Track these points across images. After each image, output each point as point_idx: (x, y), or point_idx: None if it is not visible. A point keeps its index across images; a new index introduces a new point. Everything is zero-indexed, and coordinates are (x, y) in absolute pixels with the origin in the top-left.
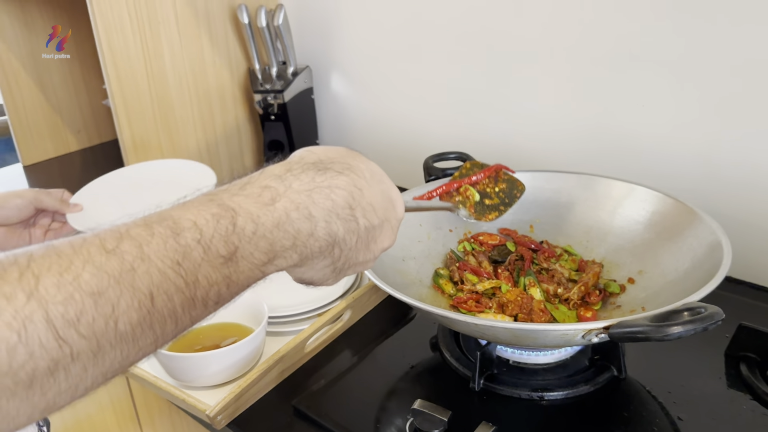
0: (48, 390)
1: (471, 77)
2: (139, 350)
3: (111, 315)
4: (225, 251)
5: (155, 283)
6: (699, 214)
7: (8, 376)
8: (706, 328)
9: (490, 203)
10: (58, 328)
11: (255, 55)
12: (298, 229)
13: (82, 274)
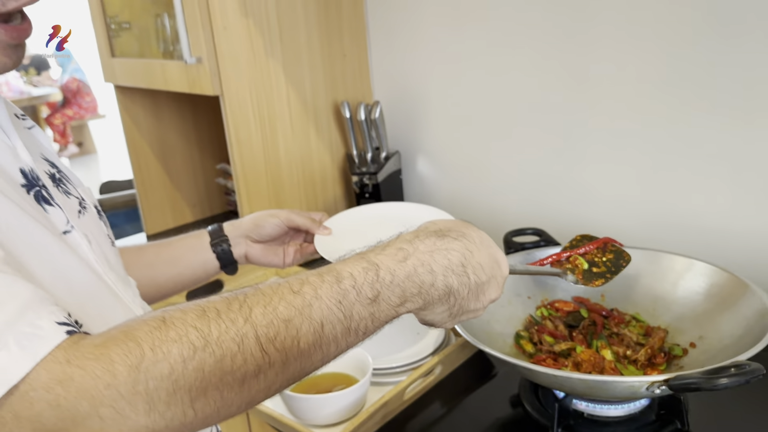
0: (252, 387)
1: (547, 160)
2: (312, 365)
3: (296, 336)
4: (371, 294)
5: (324, 316)
6: (751, 286)
7: (230, 374)
8: (748, 381)
9: (598, 271)
10: (263, 343)
11: (353, 142)
12: (422, 280)
13: (278, 307)
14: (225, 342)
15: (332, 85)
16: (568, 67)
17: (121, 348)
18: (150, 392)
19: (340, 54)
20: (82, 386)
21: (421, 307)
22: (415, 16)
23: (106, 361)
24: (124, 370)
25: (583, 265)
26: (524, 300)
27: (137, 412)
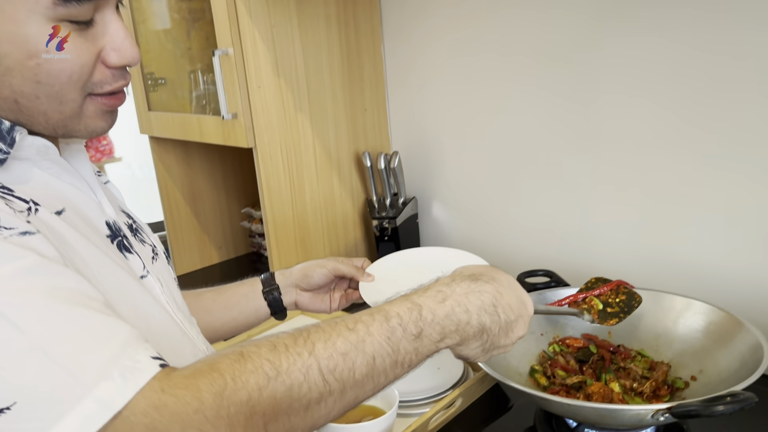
0: (315, 413)
1: (556, 206)
2: (364, 394)
3: (352, 368)
4: (415, 331)
5: (376, 350)
6: (745, 324)
7: (297, 401)
8: (742, 407)
9: (612, 311)
10: (324, 374)
11: (373, 189)
12: (459, 319)
13: (337, 342)
14: (293, 372)
15: (354, 136)
16: (574, 121)
17: (206, 378)
18: (231, 416)
19: (361, 108)
20: (174, 411)
21: (458, 343)
22: (430, 74)
23: (194, 390)
24: (209, 397)
25: (598, 306)
26: (537, 337)
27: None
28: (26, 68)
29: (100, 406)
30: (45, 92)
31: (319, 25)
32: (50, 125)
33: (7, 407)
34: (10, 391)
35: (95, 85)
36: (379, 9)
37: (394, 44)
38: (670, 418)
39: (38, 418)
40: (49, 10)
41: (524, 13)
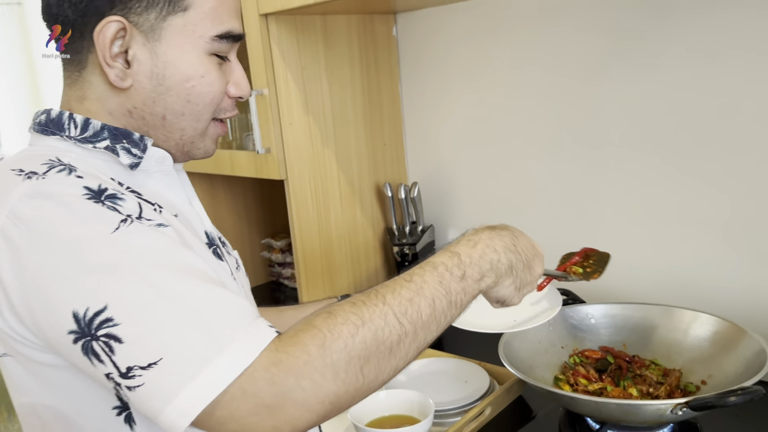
0: (396, 355)
1: (568, 231)
2: (431, 334)
3: (418, 311)
4: (459, 273)
5: (433, 293)
6: (748, 332)
7: (382, 344)
8: (752, 398)
9: (590, 270)
10: (398, 317)
11: (393, 217)
12: (491, 258)
13: (401, 291)
14: (375, 319)
15: (374, 168)
16: (581, 152)
17: (308, 334)
18: (334, 363)
19: (381, 143)
20: (288, 366)
21: (494, 282)
22: (444, 110)
23: (301, 345)
24: (314, 350)
25: (579, 270)
26: (558, 350)
27: (327, 380)
28: (182, 89)
29: (231, 363)
30: (190, 110)
31: (343, 66)
32: (183, 141)
33: (155, 362)
34: (158, 349)
35: (220, 111)
36: (396, 51)
37: (411, 83)
38: (689, 412)
39: (180, 372)
40: (207, 44)
41: (533, 54)
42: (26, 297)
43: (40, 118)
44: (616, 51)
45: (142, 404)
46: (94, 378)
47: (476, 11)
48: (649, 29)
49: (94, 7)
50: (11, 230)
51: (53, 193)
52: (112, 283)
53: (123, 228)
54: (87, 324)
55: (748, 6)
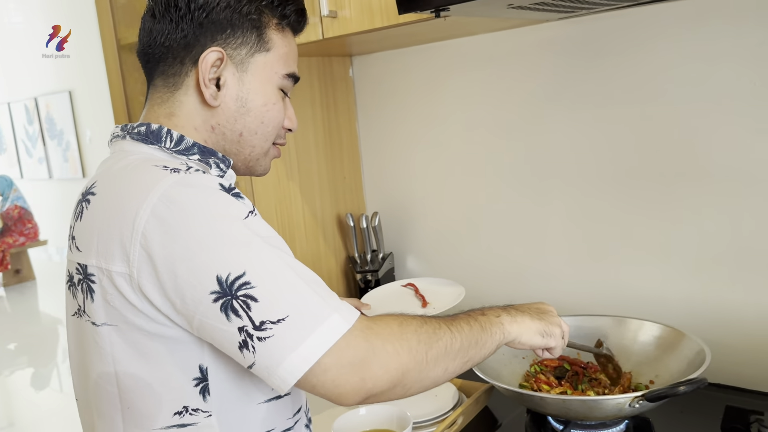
0: (448, 355)
1: (519, 253)
2: (471, 348)
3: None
4: (480, 311)
5: (467, 320)
6: (687, 335)
7: (440, 341)
8: (699, 386)
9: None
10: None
11: (355, 246)
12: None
13: (444, 317)
14: (431, 323)
15: (336, 200)
16: (530, 181)
17: (389, 317)
18: (408, 340)
19: (341, 176)
20: (377, 332)
21: (510, 323)
22: (399, 145)
23: (386, 322)
24: (395, 327)
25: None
26: (520, 360)
27: (404, 351)
28: (259, 112)
29: (339, 322)
30: (262, 130)
31: (305, 106)
32: (251, 156)
33: (283, 318)
34: (286, 309)
35: (278, 137)
36: (353, 92)
37: (367, 120)
38: (645, 404)
39: (303, 327)
40: (280, 79)
41: (483, 94)
42: (172, 264)
43: (139, 129)
44: (558, 91)
45: (268, 353)
46: (221, 334)
47: (427, 54)
48: (586, 72)
49: (198, 40)
50: (163, 210)
51: (197, 184)
52: (248, 254)
53: (251, 217)
54: (228, 286)
55: (672, 50)
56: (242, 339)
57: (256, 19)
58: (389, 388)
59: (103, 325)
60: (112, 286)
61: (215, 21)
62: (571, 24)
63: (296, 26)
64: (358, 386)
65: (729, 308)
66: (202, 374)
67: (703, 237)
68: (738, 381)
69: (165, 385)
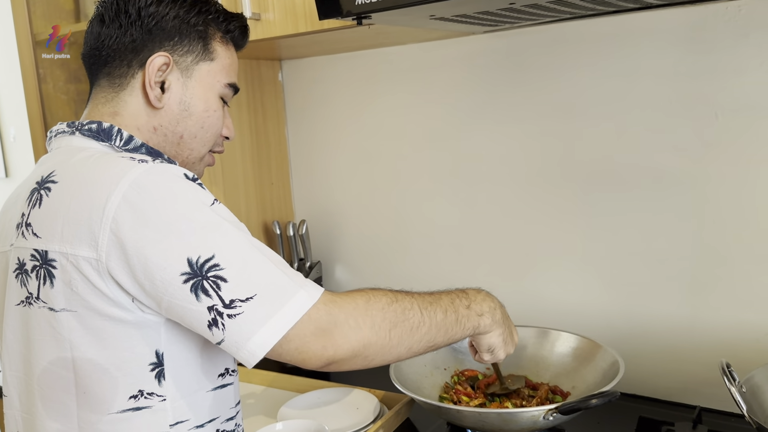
0: (414, 335)
1: (446, 263)
2: (439, 336)
3: (434, 312)
4: (466, 303)
5: (446, 306)
6: (603, 346)
7: (407, 321)
8: (610, 400)
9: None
10: (421, 310)
11: (282, 254)
12: (489, 305)
13: (424, 296)
14: (405, 302)
15: (262, 207)
16: (457, 190)
17: (356, 293)
18: (372, 316)
19: (268, 182)
20: (341, 305)
21: (490, 325)
22: (329, 152)
23: (351, 297)
24: (361, 302)
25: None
26: (441, 371)
27: (366, 326)
28: (200, 117)
29: (305, 298)
30: (201, 135)
31: (231, 109)
32: (188, 160)
33: (251, 296)
34: (254, 288)
35: (215, 144)
36: (283, 97)
37: (297, 125)
38: (559, 417)
39: (271, 303)
40: (222, 88)
41: (411, 102)
42: (143, 248)
43: (90, 126)
44: (484, 102)
45: (238, 329)
46: (190, 314)
47: (357, 61)
48: (511, 85)
49: (146, 45)
50: (134, 196)
51: (165, 172)
52: (216, 237)
53: (216, 204)
54: (199, 268)
55: (593, 66)
56: (212, 317)
57: (202, 30)
58: (350, 357)
59: (62, 310)
60: (77, 271)
61: (164, 29)
62: (496, 37)
63: (238, 41)
64: (320, 353)
65: (643, 320)
66: (158, 359)
67: (618, 250)
68: (652, 392)
69: (121, 369)
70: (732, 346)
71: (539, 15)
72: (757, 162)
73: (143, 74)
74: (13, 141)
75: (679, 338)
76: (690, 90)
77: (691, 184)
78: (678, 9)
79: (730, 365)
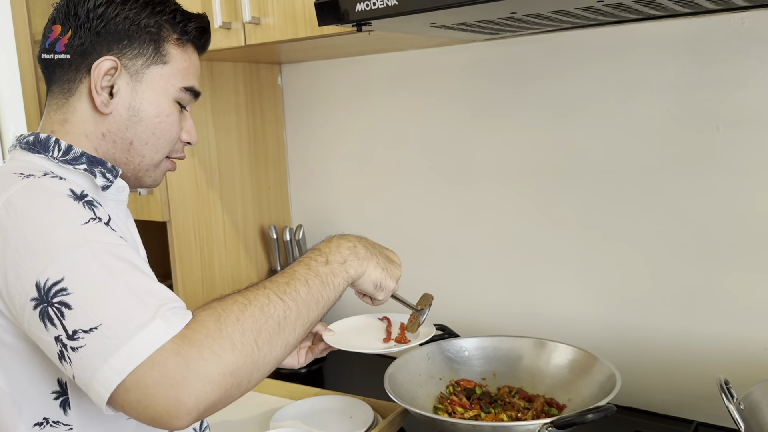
0: (284, 329)
1: (443, 270)
2: (312, 311)
3: (295, 290)
4: (323, 260)
5: (305, 276)
6: (600, 359)
7: (271, 318)
8: (606, 415)
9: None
10: (279, 296)
11: (278, 259)
12: (347, 246)
13: (278, 279)
14: (259, 298)
15: (259, 211)
16: (454, 197)
17: (204, 313)
18: (229, 335)
19: (266, 186)
20: (191, 339)
21: (359, 266)
22: (327, 156)
23: (201, 322)
24: (212, 324)
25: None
26: (437, 381)
27: (225, 351)
28: (151, 122)
29: (166, 327)
30: (153, 141)
31: (229, 112)
32: (140, 167)
33: (95, 327)
34: (99, 317)
35: (173, 150)
36: (281, 99)
37: (295, 130)
38: (554, 431)
39: (117, 336)
40: (176, 92)
41: (410, 109)
42: (5, 270)
43: (28, 139)
44: (483, 110)
45: (82, 365)
46: (45, 345)
47: (357, 67)
48: (510, 93)
49: (95, 48)
50: (3, 215)
51: (43, 189)
52: (71, 260)
53: (92, 223)
54: (46, 292)
55: (593, 75)
56: (59, 349)
57: (154, 32)
58: (220, 397)
59: None
60: None
61: (112, 31)
62: (496, 45)
63: (198, 43)
64: (174, 407)
65: (640, 332)
66: (61, 388)
67: (615, 261)
68: (648, 405)
69: (24, 395)
70: (730, 361)
71: (540, 24)
72: (757, 175)
73: (90, 79)
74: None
75: (677, 351)
76: (691, 102)
77: (691, 196)
78: (679, 20)
79: (728, 382)
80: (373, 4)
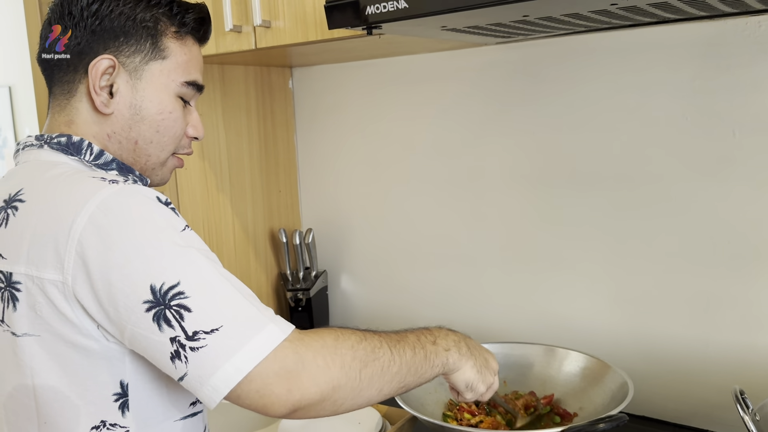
0: (384, 375)
1: (454, 276)
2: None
3: (403, 350)
4: (432, 339)
5: (414, 343)
6: (612, 367)
7: (378, 360)
8: (618, 425)
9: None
10: (390, 348)
11: (288, 263)
12: (453, 338)
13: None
14: (373, 341)
15: (269, 215)
16: (465, 203)
17: (325, 331)
18: (342, 355)
19: (276, 190)
20: (309, 344)
21: (458, 359)
22: (338, 160)
23: (320, 335)
24: (330, 340)
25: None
26: (446, 388)
27: (335, 366)
28: (154, 120)
29: (273, 334)
30: (157, 139)
31: (240, 115)
32: (147, 166)
33: (217, 328)
34: (221, 318)
35: (179, 147)
36: (292, 102)
37: (306, 133)
38: None
39: (237, 336)
40: (178, 87)
41: (422, 112)
42: (107, 272)
43: (59, 140)
44: (496, 114)
45: (201, 363)
46: (153, 345)
47: (368, 70)
48: (523, 96)
49: (92, 47)
50: (101, 218)
51: (136, 193)
52: (184, 264)
53: (188, 230)
54: (162, 295)
55: (607, 79)
56: (174, 349)
57: (151, 27)
58: (318, 402)
59: (24, 335)
60: (42, 295)
61: (108, 29)
62: (508, 49)
63: (197, 35)
64: (284, 397)
65: (653, 340)
66: (122, 390)
67: (628, 267)
68: (662, 414)
69: (84, 398)
70: (745, 370)
71: (553, 27)
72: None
73: (88, 79)
74: None
75: (691, 360)
76: (706, 106)
77: (706, 203)
78: (695, 23)
79: (743, 392)
80: (384, 7)
